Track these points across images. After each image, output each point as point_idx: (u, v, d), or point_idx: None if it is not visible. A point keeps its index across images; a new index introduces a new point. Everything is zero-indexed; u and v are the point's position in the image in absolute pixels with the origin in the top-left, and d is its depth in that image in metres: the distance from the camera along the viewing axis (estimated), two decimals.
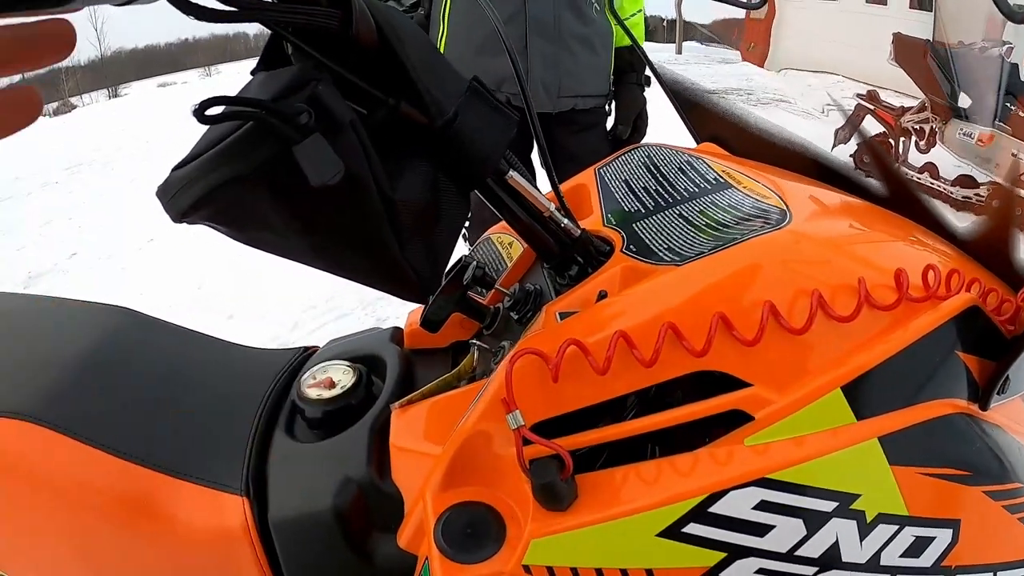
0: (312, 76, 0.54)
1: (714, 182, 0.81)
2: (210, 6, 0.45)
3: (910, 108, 5.19)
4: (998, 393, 0.65)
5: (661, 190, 0.84)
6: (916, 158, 5.17)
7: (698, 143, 1.12)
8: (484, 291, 0.87)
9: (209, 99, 0.50)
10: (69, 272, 4.97)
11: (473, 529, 0.59)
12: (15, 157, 9.27)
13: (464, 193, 0.67)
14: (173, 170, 0.55)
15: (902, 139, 5.26)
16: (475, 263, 0.83)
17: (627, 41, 2.14)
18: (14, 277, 4.96)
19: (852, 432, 0.56)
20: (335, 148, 0.52)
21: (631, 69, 2.14)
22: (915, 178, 4.97)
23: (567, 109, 2.07)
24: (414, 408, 0.77)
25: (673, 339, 0.55)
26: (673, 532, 0.54)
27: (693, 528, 0.54)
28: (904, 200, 0.85)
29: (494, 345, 0.81)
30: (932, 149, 5.10)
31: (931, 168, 4.98)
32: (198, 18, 0.43)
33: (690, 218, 0.74)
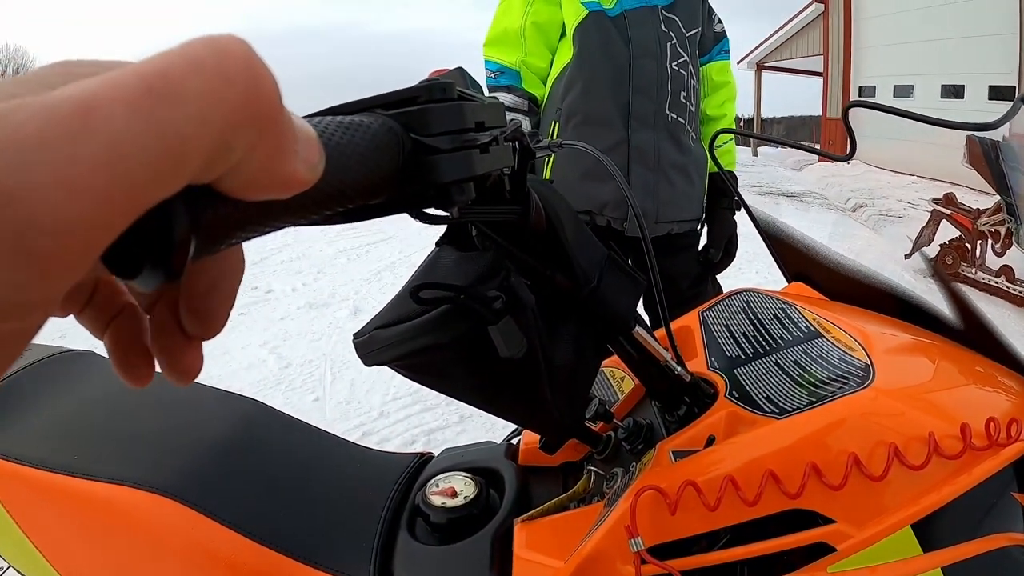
0: (503, 265, 0.62)
1: (806, 331, 0.89)
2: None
3: (985, 210, 5.10)
4: None
5: (759, 336, 0.93)
6: (993, 261, 5.10)
7: (788, 281, 1.20)
8: (599, 421, 0.93)
9: (422, 284, 0.60)
10: None
11: None
12: None
13: (599, 348, 0.77)
14: (375, 330, 0.64)
15: (979, 242, 5.17)
16: (598, 399, 0.91)
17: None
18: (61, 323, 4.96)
19: (919, 563, 0.65)
20: (521, 325, 0.61)
21: (723, 195, 2.18)
22: (991, 282, 4.90)
23: (663, 234, 2.10)
24: (536, 523, 0.84)
25: (772, 483, 0.65)
26: None
27: None
28: (976, 332, 0.92)
29: (606, 471, 0.88)
30: (1008, 251, 5.02)
31: (1007, 271, 4.90)
32: (424, 222, 0.49)
33: (786, 368, 0.83)
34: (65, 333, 4.98)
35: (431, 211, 0.48)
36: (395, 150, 0.40)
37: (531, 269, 0.68)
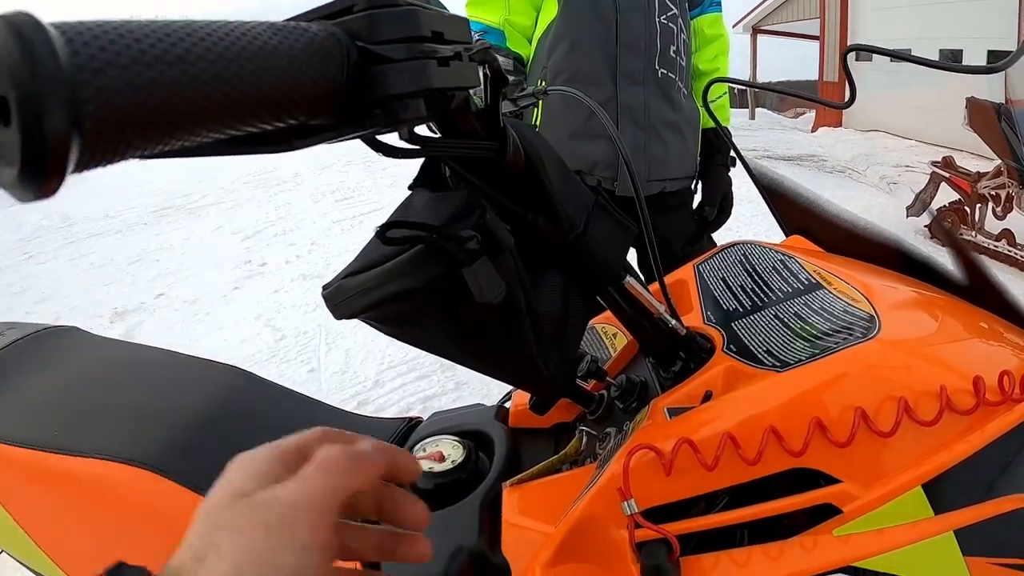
0: (479, 204, 0.59)
1: (807, 283, 0.86)
2: (398, 144, 0.50)
3: (986, 174, 5.08)
4: None
5: (757, 289, 0.89)
6: (993, 225, 5.07)
7: (787, 234, 1.17)
8: (591, 380, 0.91)
9: (390, 222, 0.57)
10: (156, 311, 5.06)
11: None
12: (105, 194, 9.34)
13: (588, 298, 0.73)
14: (343, 279, 0.60)
15: (978, 206, 5.15)
16: (589, 356, 0.88)
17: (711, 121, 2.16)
18: (101, 311, 5.04)
19: (930, 525, 0.61)
20: (498, 268, 0.58)
21: (717, 151, 2.16)
22: (992, 246, 4.87)
23: (655, 192, 2.08)
24: (525, 487, 0.82)
25: (774, 440, 0.61)
26: None
27: None
28: (983, 289, 0.89)
29: (598, 431, 0.85)
30: (1009, 215, 4.99)
31: (1008, 235, 4.87)
32: (385, 154, 0.48)
33: (786, 320, 0.79)
34: (59, 316, 5.00)
35: (391, 142, 0.47)
36: (339, 60, 0.38)
37: (510, 212, 0.65)
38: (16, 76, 0.25)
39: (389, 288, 0.57)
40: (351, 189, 8.83)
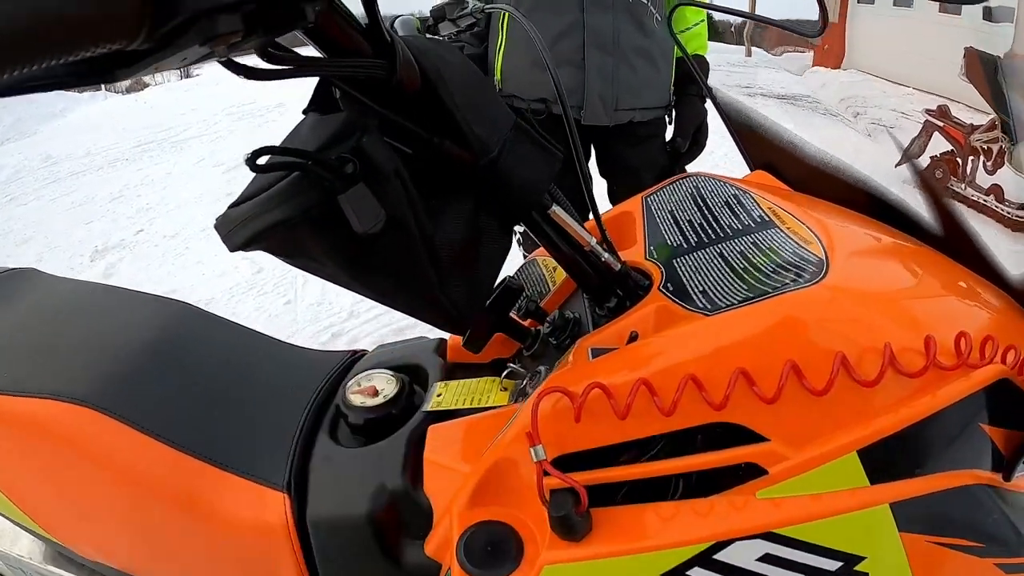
0: (358, 126, 0.58)
1: (758, 220, 0.82)
2: (264, 66, 0.49)
3: (980, 126, 5.06)
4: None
5: (705, 224, 0.86)
6: (984, 179, 5.05)
7: (752, 170, 1.13)
8: (528, 317, 0.90)
9: (259, 149, 0.54)
10: (135, 248, 5.05)
11: (493, 547, 0.63)
12: (87, 132, 9.42)
13: (506, 228, 0.70)
14: (230, 207, 0.59)
15: (971, 158, 5.13)
16: (524, 294, 0.86)
17: (687, 49, 2.10)
18: (82, 250, 5.04)
19: (864, 496, 0.57)
20: (379, 195, 0.57)
21: (692, 80, 2.10)
22: (980, 199, 4.86)
23: (625, 122, 2.06)
24: (449, 425, 0.81)
25: (694, 390, 0.57)
26: (678, 574, 0.56)
27: (696, 573, 0.56)
28: (959, 240, 0.84)
29: (531, 368, 0.85)
30: (999, 171, 4.97)
31: (997, 191, 4.86)
32: (252, 78, 0.47)
33: (729, 259, 0.76)
34: (40, 257, 5.04)
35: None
36: None
37: (409, 133, 0.63)
38: None
39: (268, 219, 0.58)
40: None
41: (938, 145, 5.28)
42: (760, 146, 1.11)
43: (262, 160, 0.55)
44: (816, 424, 0.59)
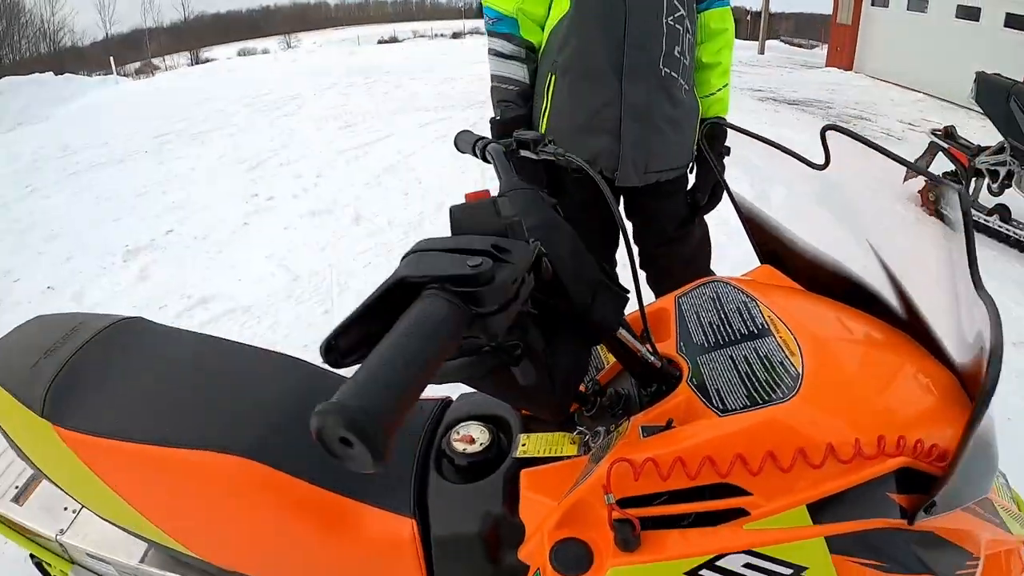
0: (521, 323, 0.79)
1: (760, 328, 1.01)
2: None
3: (987, 148, 4.98)
4: (925, 512, 0.85)
5: (721, 326, 1.06)
6: (987, 199, 4.96)
7: (761, 262, 1.35)
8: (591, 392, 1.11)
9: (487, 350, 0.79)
10: (167, 249, 5.03)
11: (573, 555, 0.87)
12: (102, 120, 8.93)
13: (588, 347, 0.96)
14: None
15: (974, 179, 5.04)
16: (590, 379, 1.11)
17: (711, 113, 2.24)
18: (113, 249, 5.02)
19: (808, 531, 0.84)
20: (530, 360, 0.81)
21: (714, 139, 2.14)
22: (983, 220, 4.73)
23: (652, 182, 2.16)
24: (537, 470, 1.02)
25: (709, 464, 0.86)
26: (694, 573, 0.86)
27: (706, 572, 0.86)
28: (918, 332, 1.03)
29: (591, 427, 1.06)
30: (1006, 191, 4.86)
31: (1002, 211, 4.78)
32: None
33: (737, 363, 0.97)
34: (72, 255, 4.72)
35: None
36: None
37: (539, 300, 0.86)
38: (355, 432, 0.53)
39: (460, 375, 0.79)
40: (353, 115, 8.53)
41: (943, 164, 5.27)
42: (766, 237, 1.33)
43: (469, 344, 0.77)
44: (782, 487, 0.84)
